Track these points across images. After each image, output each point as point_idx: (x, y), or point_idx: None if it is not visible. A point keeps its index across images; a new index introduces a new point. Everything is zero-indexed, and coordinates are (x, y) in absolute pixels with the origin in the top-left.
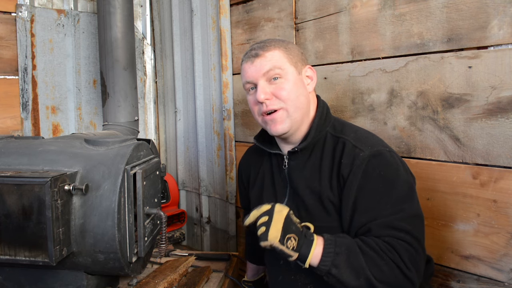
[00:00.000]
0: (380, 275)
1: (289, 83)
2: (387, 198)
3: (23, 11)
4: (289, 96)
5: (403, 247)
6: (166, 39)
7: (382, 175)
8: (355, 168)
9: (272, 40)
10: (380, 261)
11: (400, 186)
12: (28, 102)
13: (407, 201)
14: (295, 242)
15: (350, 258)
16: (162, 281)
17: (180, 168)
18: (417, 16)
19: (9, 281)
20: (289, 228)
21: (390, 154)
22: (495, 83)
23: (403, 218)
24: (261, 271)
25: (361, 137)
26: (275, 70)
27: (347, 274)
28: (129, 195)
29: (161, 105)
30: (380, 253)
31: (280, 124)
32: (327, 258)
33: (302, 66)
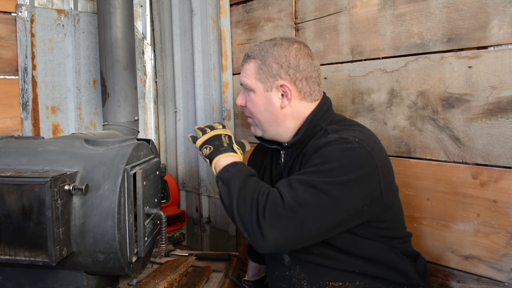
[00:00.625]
0: (241, 207)
1: (256, 98)
2: (312, 168)
3: (23, 11)
4: (253, 111)
5: (274, 199)
6: (166, 39)
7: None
8: (310, 150)
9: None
10: (247, 197)
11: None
12: (28, 102)
13: (325, 178)
14: (208, 151)
15: (230, 181)
16: (162, 281)
17: (180, 168)
18: (417, 16)
19: (9, 281)
20: (211, 141)
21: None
22: (495, 83)
23: (304, 183)
24: (262, 271)
25: (341, 129)
26: (246, 86)
27: (225, 191)
28: (129, 195)
29: (161, 105)
30: (254, 193)
31: (253, 130)
32: (222, 171)
33: (275, 81)
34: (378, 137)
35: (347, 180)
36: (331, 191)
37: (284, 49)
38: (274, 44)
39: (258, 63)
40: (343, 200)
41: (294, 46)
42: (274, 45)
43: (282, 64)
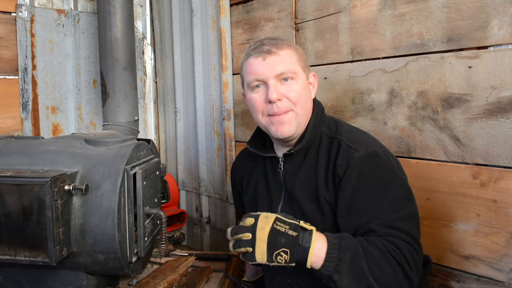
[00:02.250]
0: (382, 278)
1: (299, 86)
2: (385, 199)
3: (23, 11)
4: (299, 99)
5: (406, 247)
6: (166, 39)
7: (378, 176)
8: (350, 169)
9: (282, 39)
10: (384, 263)
11: (397, 187)
12: (28, 102)
13: (405, 201)
14: (287, 255)
15: (353, 265)
16: (162, 281)
17: (180, 168)
18: (417, 16)
19: (9, 281)
20: (276, 243)
21: (385, 154)
22: (495, 83)
23: (403, 218)
24: (260, 271)
25: (356, 137)
26: (288, 74)
27: (348, 280)
28: (129, 195)
29: (161, 105)
30: (385, 253)
31: (288, 126)
32: (330, 263)
33: (308, 72)
34: (378, 137)
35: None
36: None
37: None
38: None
39: (295, 52)
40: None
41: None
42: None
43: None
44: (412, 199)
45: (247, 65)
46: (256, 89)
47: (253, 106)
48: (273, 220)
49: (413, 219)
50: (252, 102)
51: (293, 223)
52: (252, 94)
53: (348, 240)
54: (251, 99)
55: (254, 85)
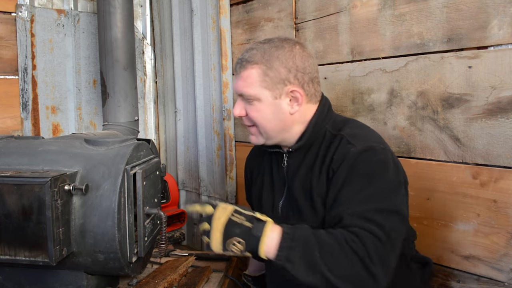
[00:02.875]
0: (338, 270)
1: (262, 106)
2: (367, 192)
3: (23, 11)
4: (258, 120)
5: (370, 239)
6: (166, 39)
7: (367, 170)
8: (344, 163)
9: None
10: (340, 254)
11: (383, 183)
12: (28, 102)
13: (388, 198)
14: (241, 245)
15: (305, 254)
16: (162, 281)
17: (180, 168)
18: (417, 16)
19: (9, 281)
20: (231, 233)
21: (383, 151)
22: (495, 83)
23: (378, 211)
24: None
25: (358, 133)
26: (247, 95)
27: (302, 269)
28: (129, 195)
29: (161, 105)
30: (342, 244)
31: (255, 138)
32: (282, 253)
33: (283, 87)
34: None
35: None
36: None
37: (289, 51)
38: (276, 47)
39: (262, 69)
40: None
41: (296, 47)
42: (276, 48)
43: (290, 68)
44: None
45: None
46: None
47: None
48: (230, 211)
49: (392, 214)
50: None
51: (249, 214)
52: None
53: (302, 230)
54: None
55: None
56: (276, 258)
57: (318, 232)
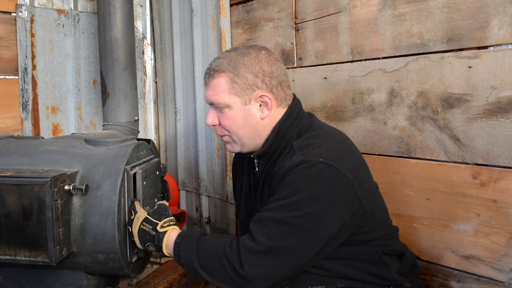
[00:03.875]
0: (214, 274)
1: (232, 113)
2: (283, 202)
3: (23, 11)
4: (231, 127)
5: (244, 245)
6: (166, 39)
7: (291, 184)
8: (277, 175)
9: (224, 60)
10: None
11: (304, 196)
12: (28, 102)
13: (299, 210)
14: (153, 247)
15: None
16: (162, 281)
17: (180, 168)
18: (417, 16)
19: (9, 281)
20: (144, 238)
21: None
22: (495, 83)
23: (275, 220)
24: None
25: (306, 144)
26: (217, 103)
27: (186, 267)
28: (129, 195)
29: (161, 105)
30: (219, 253)
31: (230, 146)
32: (175, 257)
33: (252, 93)
34: (378, 137)
35: (320, 208)
36: (305, 224)
37: (254, 57)
38: (242, 53)
39: (229, 76)
40: (321, 227)
41: (262, 52)
42: (242, 55)
43: (257, 73)
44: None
45: None
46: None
47: None
48: (141, 221)
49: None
50: None
51: (154, 223)
52: None
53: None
54: None
55: None
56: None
57: (205, 240)
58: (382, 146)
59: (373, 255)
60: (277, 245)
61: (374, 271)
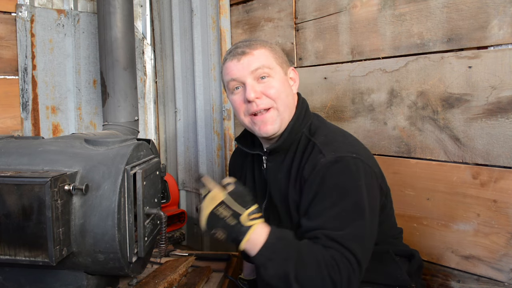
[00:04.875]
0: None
1: (278, 82)
2: (337, 208)
3: (23, 11)
4: (279, 95)
5: (346, 266)
6: (166, 39)
7: (336, 183)
8: (314, 174)
9: (257, 40)
10: (317, 275)
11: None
12: (28, 102)
13: (357, 218)
14: (224, 235)
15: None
16: (162, 281)
17: (180, 168)
18: (417, 16)
19: (9, 281)
20: (214, 224)
21: (353, 161)
22: (495, 83)
23: (351, 237)
24: None
25: (330, 141)
26: (263, 69)
27: (272, 277)
28: (129, 195)
29: (161, 105)
30: (321, 266)
31: (271, 125)
32: (260, 258)
33: (287, 67)
34: (378, 137)
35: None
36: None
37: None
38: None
39: (270, 50)
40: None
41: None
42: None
43: (283, 53)
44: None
45: (225, 69)
46: (236, 91)
47: (235, 107)
48: (216, 203)
49: (361, 239)
50: (233, 103)
51: (236, 212)
52: (232, 96)
53: (287, 243)
54: (232, 101)
55: (233, 86)
56: (254, 258)
57: (303, 247)
58: (382, 146)
59: (386, 255)
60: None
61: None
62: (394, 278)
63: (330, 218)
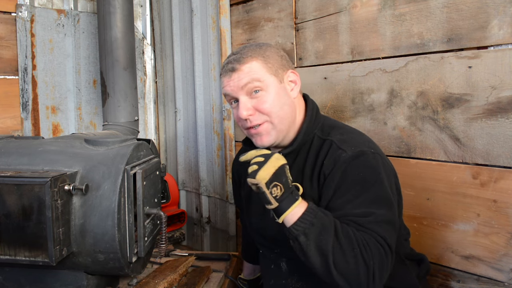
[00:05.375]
0: (342, 266)
1: (271, 95)
2: (362, 198)
3: (23, 11)
4: (272, 109)
5: (378, 249)
6: (166, 39)
7: (360, 175)
8: (335, 168)
9: (248, 50)
10: (350, 253)
11: (377, 190)
12: (28, 102)
13: (382, 206)
14: (280, 192)
15: (320, 236)
16: (162, 281)
17: (180, 168)
18: (417, 16)
19: (9, 281)
20: (279, 177)
21: (373, 156)
22: (495, 83)
23: (377, 222)
24: (257, 271)
25: (347, 138)
26: (254, 83)
27: (312, 247)
28: (129, 195)
29: (161, 105)
30: (355, 248)
31: (266, 137)
32: (301, 224)
33: (283, 73)
34: (378, 137)
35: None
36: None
37: (270, 46)
38: (258, 45)
39: (261, 60)
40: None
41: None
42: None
43: (281, 56)
44: (391, 207)
45: (221, 83)
46: (233, 104)
47: (235, 118)
48: (285, 161)
49: (389, 224)
50: (233, 115)
51: (291, 177)
52: (232, 108)
53: (326, 215)
54: (232, 113)
55: (229, 100)
56: (293, 226)
57: (338, 222)
58: (382, 146)
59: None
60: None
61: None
62: (404, 282)
63: (355, 206)
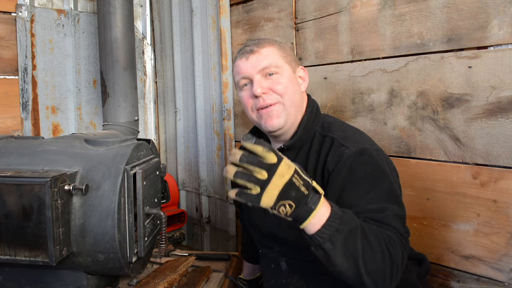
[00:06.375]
0: (371, 266)
1: (285, 78)
2: (372, 193)
3: (23, 11)
4: (286, 90)
5: (400, 242)
6: (166, 39)
7: (368, 172)
8: (340, 165)
9: (266, 38)
10: (378, 252)
11: (385, 184)
12: (28, 102)
13: (393, 201)
14: (291, 209)
15: (348, 240)
16: (162, 281)
17: (180, 168)
18: (417, 16)
19: (9, 281)
20: (287, 194)
21: (376, 152)
22: (495, 83)
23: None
24: (257, 271)
25: (348, 135)
26: (271, 67)
27: (339, 253)
28: (129, 195)
29: (161, 105)
30: (383, 246)
31: (276, 118)
32: (327, 231)
33: (295, 66)
34: (378, 137)
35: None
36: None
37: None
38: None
39: (278, 48)
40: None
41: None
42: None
43: (293, 51)
44: (400, 202)
45: (235, 67)
46: (245, 87)
47: (243, 103)
48: (293, 170)
49: (402, 219)
50: (242, 100)
51: (307, 180)
52: (241, 92)
53: (350, 216)
54: (241, 97)
55: (242, 84)
56: (318, 234)
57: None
58: (382, 146)
59: None
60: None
61: None
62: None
63: (368, 202)
